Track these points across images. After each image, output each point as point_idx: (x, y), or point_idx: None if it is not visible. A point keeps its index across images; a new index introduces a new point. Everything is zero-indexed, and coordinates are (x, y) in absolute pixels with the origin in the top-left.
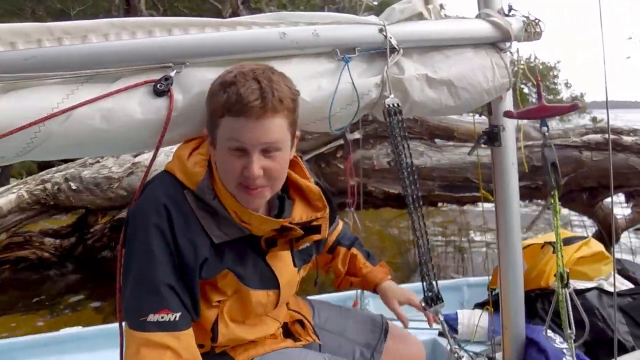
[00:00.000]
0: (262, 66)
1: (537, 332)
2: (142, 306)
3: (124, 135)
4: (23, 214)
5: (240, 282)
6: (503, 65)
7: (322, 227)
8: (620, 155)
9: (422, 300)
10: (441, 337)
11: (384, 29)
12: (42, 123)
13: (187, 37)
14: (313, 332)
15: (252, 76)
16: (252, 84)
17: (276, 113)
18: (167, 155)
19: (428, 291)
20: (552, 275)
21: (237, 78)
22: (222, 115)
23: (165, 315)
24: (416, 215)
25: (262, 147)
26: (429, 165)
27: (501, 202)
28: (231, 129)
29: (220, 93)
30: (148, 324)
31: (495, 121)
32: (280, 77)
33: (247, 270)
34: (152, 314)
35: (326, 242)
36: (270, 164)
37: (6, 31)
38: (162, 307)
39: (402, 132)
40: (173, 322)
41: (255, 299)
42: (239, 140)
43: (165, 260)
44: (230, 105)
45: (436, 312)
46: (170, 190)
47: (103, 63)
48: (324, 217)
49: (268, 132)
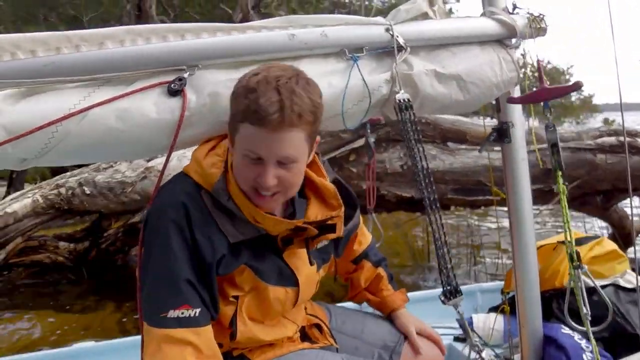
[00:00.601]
0: (289, 72)
1: (555, 330)
2: (162, 302)
3: (139, 135)
4: (38, 219)
5: (258, 278)
6: (510, 59)
7: (337, 226)
8: (635, 158)
9: (440, 294)
10: (457, 342)
11: (390, 29)
12: (59, 123)
13: (199, 41)
14: (330, 335)
15: (275, 85)
16: (272, 95)
17: (293, 127)
18: (180, 159)
19: (447, 284)
20: (566, 275)
21: (260, 85)
22: (241, 120)
23: (186, 311)
24: (432, 210)
25: (278, 159)
26: (442, 168)
27: (513, 199)
28: (248, 137)
29: (242, 98)
30: (168, 320)
31: (504, 117)
32: (303, 88)
33: (265, 266)
34: (172, 310)
35: (352, 251)
36: (285, 174)
37: (26, 40)
38: (183, 303)
39: (414, 126)
40: (193, 317)
41: (274, 294)
42: (254, 150)
43: (184, 256)
44: (249, 114)
45: (455, 305)
46: (188, 190)
47: (119, 67)
48: (338, 215)
49: (284, 145)
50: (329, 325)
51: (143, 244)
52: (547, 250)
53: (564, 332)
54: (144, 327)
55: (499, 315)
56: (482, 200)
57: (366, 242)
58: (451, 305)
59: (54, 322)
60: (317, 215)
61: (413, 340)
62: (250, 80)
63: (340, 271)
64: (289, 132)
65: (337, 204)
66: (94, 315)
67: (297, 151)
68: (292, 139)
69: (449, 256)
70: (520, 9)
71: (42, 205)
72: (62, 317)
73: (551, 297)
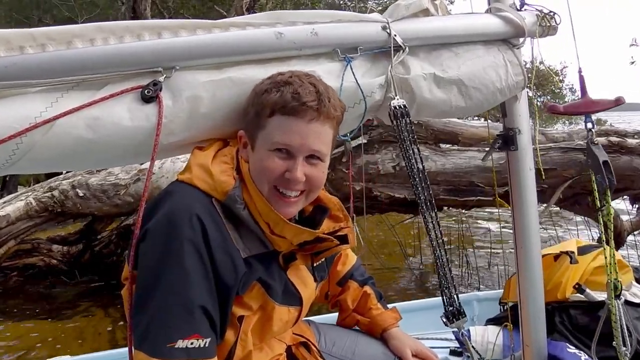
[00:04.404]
0: (313, 75)
1: (560, 349)
2: (170, 330)
3: (113, 144)
4: (31, 221)
5: (267, 295)
6: (517, 62)
7: (350, 237)
8: (625, 158)
9: (442, 315)
10: (453, 356)
11: (387, 27)
12: (24, 134)
13: (177, 40)
14: (319, 355)
15: (308, 80)
16: (309, 86)
17: (327, 120)
18: (174, 162)
19: (449, 305)
20: (570, 287)
21: (293, 79)
22: (271, 114)
23: (196, 341)
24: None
25: (309, 154)
26: (434, 169)
27: (519, 209)
28: (281, 129)
29: (273, 91)
30: (175, 351)
31: (510, 124)
32: (332, 90)
33: (275, 283)
34: (181, 340)
35: (336, 272)
36: (313, 172)
37: None
38: (193, 332)
39: (411, 135)
40: (203, 348)
41: (278, 315)
42: (287, 142)
43: (201, 280)
44: (285, 103)
45: (459, 328)
46: (199, 199)
47: (89, 69)
48: (348, 226)
49: (317, 139)
50: (318, 346)
51: (143, 263)
52: (548, 260)
53: (569, 351)
54: (139, 357)
55: (499, 328)
56: (474, 201)
57: (350, 263)
58: (454, 328)
59: (47, 324)
60: (327, 227)
61: None
62: (279, 77)
63: (323, 299)
64: (323, 126)
65: (343, 216)
66: (87, 318)
67: (327, 148)
68: (326, 134)
69: (451, 275)
70: (529, 5)
71: (35, 208)
72: (56, 318)
73: (553, 310)
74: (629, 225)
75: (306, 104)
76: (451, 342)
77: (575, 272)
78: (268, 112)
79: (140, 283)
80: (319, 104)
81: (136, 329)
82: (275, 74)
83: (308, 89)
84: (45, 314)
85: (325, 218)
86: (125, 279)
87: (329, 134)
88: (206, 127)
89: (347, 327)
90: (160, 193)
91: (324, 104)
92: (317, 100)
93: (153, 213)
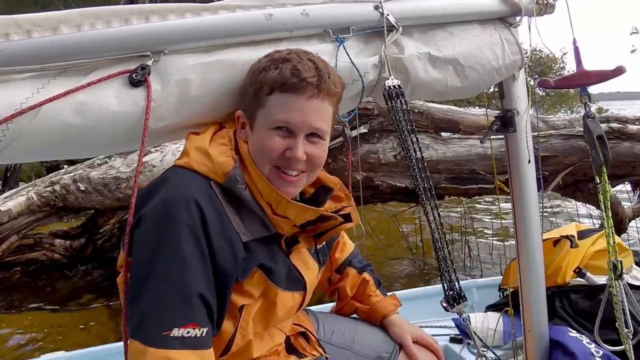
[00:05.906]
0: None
1: (562, 333)
2: (166, 319)
3: (102, 130)
4: (33, 216)
5: (270, 281)
6: (514, 41)
7: (353, 215)
8: (626, 144)
9: (442, 300)
10: (453, 343)
11: (380, 6)
12: (9, 121)
13: (165, 24)
14: (318, 344)
15: (307, 57)
16: (308, 62)
17: (327, 97)
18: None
19: (449, 290)
20: (570, 272)
21: (292, 55)
22: (270, 91)
23: (192, 330)
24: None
25: (309, 131)
26: (435, 158)
27: (518, 192)
28: (281, 106)
29: (272, 69)
30: (171, 340)
31: (508, 105)
32: (331, 67)
33: (278, 267)
34: (176, 328)
35: (334, 259)
36: (313, 150)
37: None
38: (190, 321)
39: (406, 115)
40: (199, 338)
41: (282, 301)
42: (287, 120)
43: (199, 267)
44: (284, 80)
45: (459, 312)
46: (197, 183)
47: (76, 54)
48: (350, 205)
49: (318, 116)
50: (317, 335)
51: (138, 250)
52: (548, 245)
53: (571, 335)
54: (134, 346)
55: (499, 314)
56: (475, 189)
57: (348, 250)
58: (455, 312)
59: (50, 317)
60: (329, 207)
61: (410, 351)
62: (277, 54)
63: (325, 286)
64: (323, 102)
65: (344, 195)
66: (90, 311)
67: (327, 125)
68: (326, 111)
69: (451, 258)
70: None
71: (36, 202)
72: (59, 311)
73: (553, 295)
74: (630, 211)
75: (306, 80)
76: (451, 329)
77: (575, 257)
78: (267, 90)
79: (135, 270)
80: (319, 80)
81: (131, 317)
82: (273, 52)
83: (307, 65)
84: (49, 306)
85: (329, 198)
86: (120, 266)
87: (329, 111)
88: (197, 111)
89: (346, 315)
90: (157, 179)
91: (324, 80)
92: (317, 76)
93: (149, 198)
